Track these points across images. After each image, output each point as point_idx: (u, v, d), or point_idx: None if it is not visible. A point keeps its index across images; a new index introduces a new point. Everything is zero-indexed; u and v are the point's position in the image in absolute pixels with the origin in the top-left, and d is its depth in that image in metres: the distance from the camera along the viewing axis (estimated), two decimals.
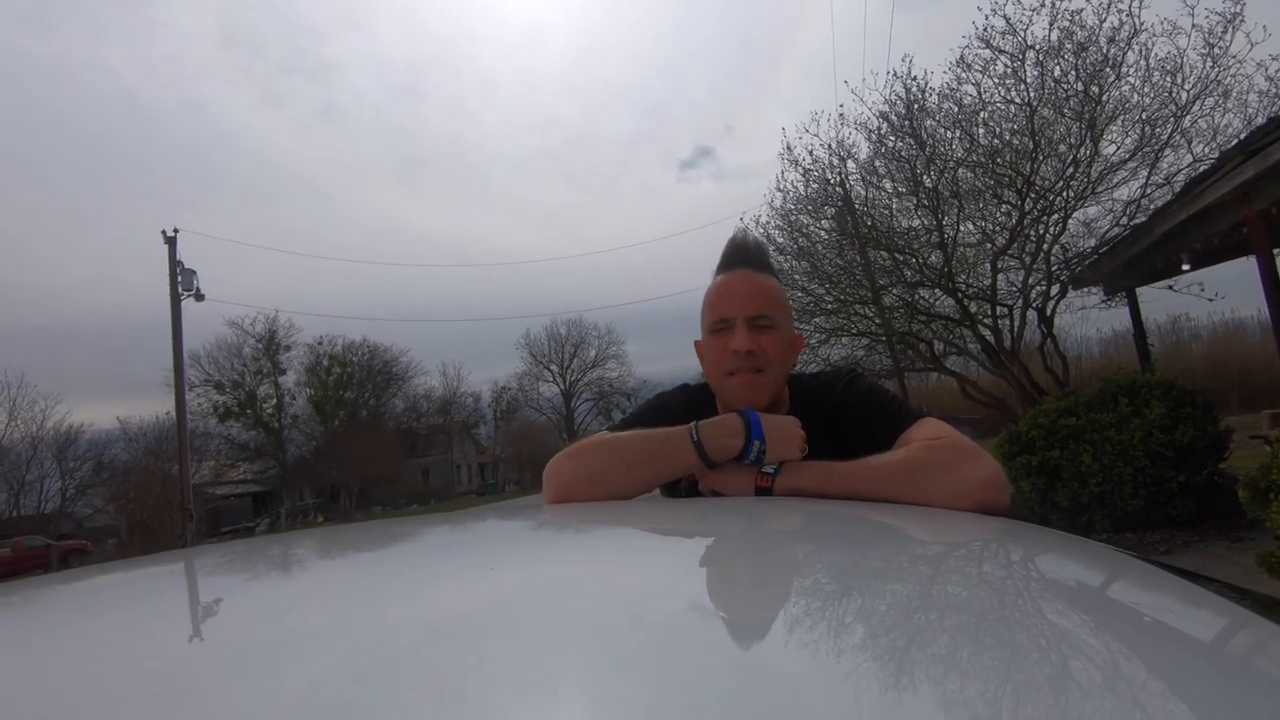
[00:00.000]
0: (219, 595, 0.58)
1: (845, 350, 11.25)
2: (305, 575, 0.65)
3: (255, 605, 0.52)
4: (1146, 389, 5.79)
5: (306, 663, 0.36)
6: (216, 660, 0.38)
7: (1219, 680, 0.32)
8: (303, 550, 0.77)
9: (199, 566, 0.71)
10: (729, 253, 1.08)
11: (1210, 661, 0.35)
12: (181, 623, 0.49)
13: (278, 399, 39.21)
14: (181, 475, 16.86)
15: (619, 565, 0.57)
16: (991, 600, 0.44)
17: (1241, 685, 0.32)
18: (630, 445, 0.95)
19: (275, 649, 0.38)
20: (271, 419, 38.87)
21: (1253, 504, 2.94)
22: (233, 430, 37.77)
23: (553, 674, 0.33)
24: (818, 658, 0.35)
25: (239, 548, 0.85)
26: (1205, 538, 5.31)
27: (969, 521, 0.72)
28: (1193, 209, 5.70)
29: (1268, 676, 0.35)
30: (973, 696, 0.30)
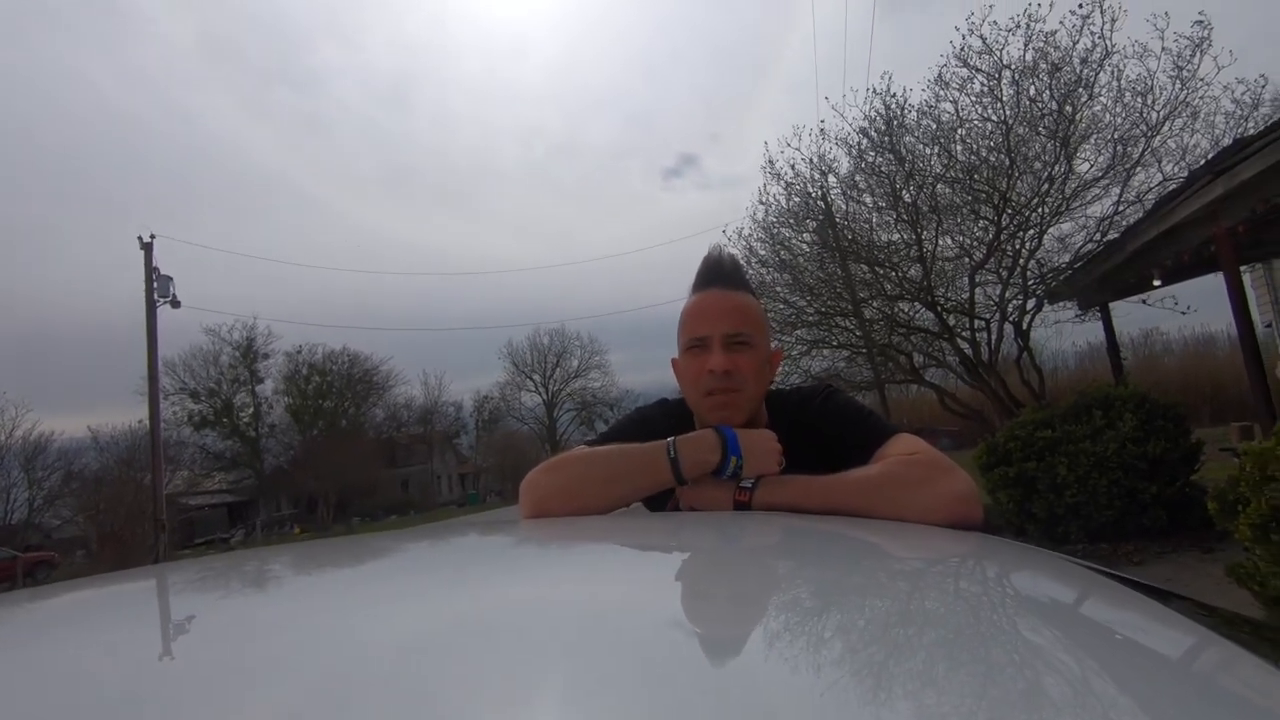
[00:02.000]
0: (191, 613, 0.57)
1: (826, 362, 11.33)
2: (281, 593, 0.64)
3: (228, 624, 0.51)
4: (1120, 402, 5.90)
5: (281, 684, 0.35)
6: (188, 683, 0.37)
7: (1179, 699, 0.33)
8: (278, 567, 0.76)
9: (171, 584, 0.69)
10: (704, 271, 1.09)
11: (1172, 680, 0.36)
12: (151, 643, 0.48)
13: (255, 408, 38.62)
14: (155, 485, 16.53)
15: (597, 581, 0.57)
16: (965, 616, 0.45)
17: (1201, 704, 0.33)
18: (607, 460, 0.95)
19: (248, 670, 0.38)
20: (248, 428, 38.26)
21: (1221, 516, 3.00)
22: (208, 439, 37.12)
23: (530, 692, 0.33)
24: (797, 673, 0.35)
25: (213, 564, 0.84)
26: (1177, 548, 5.41)
27: (943, 536, 0.74)
28: (1163, 226, 5.85)
29: (1230, 694, 0.36)
30: (948, 711, 0.30)
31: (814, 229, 10.10)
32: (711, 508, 0.91)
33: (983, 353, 8.92)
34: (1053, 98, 7.94)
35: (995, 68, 8.07)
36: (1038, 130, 8.12)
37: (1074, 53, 7.83)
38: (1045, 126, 8.05)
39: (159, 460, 16.76)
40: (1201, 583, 4.40)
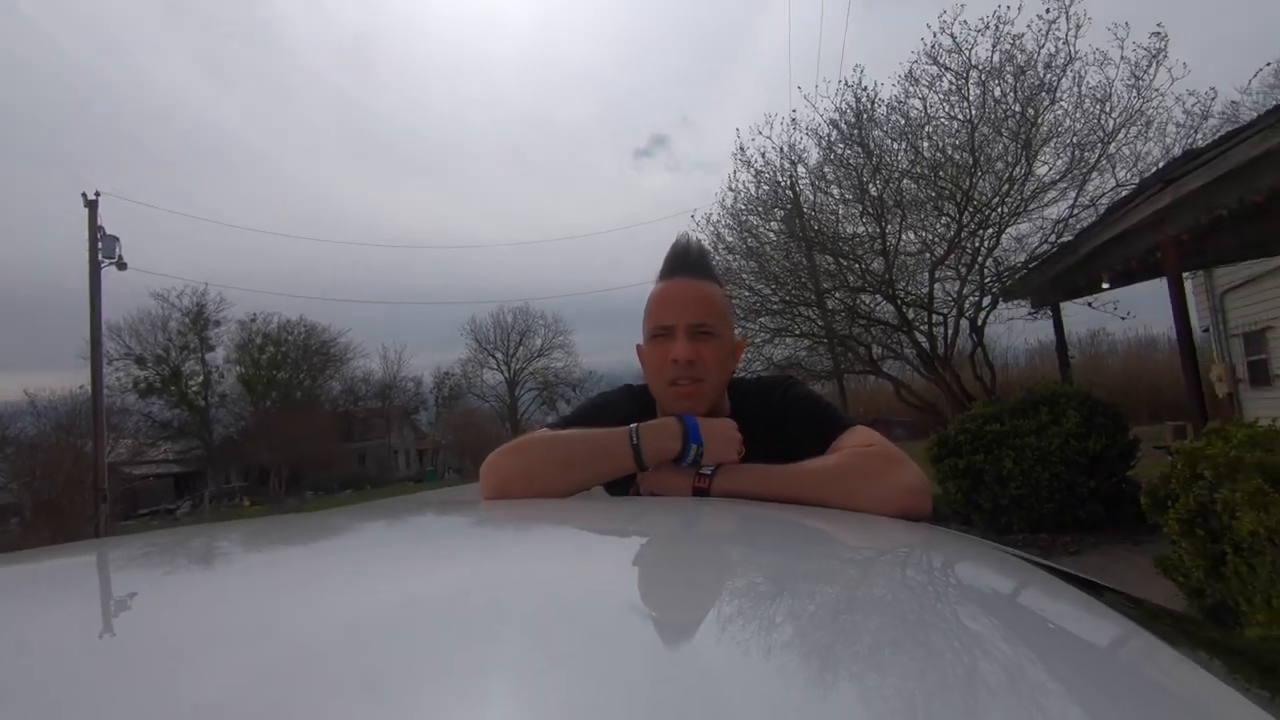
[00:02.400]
0: (133, 590, 0.55)
1: (788, 350, 11.49)
2: (230, 570, 0.63)
3: (173, 602, 0.50)
4: (1065, 399, 6.13)
5: (228, 664, 0.35)
6: (130, 663, 0.36)
7: (1103, 686, 0.35)
8: (227, 544, 0.75)
9: (113, 559, 0.67)
10: (671, 259, 1.10)
11: (1096, 668, 0.38)
12: (91, 622, 0.46)
13: (204, 376, 37.35)
14: (96, 453, 15.93)
15: (551, 562, 0.57)
16: (909, 603, 0.47)
17: (1121, 690, 0.35)
18: (569, 444, 0.96)
19: (194, 650, 0.37)
20: (197, 397, 37.02)
21: (1153, 511, 3.15)
22: (154, 407, 35.79)
23: (482, 674, 0.33)
24: (748, 655, 0.36)
25: (158, 539, 0.81)
26: (1111, 540, 5.68)
27: (892, 527, 0.76)
28: (1114, 231, 6.06)
29: (1148, 682, 0.38)
30: (890, 693, 0.32)
31: (781, 218, 10.18)
32: (671, 493, 0.92)
33: (939, 347, 9.15)
34: (1017, 100, 8.12)
35: (964, 67, 8.21)
36: (1001, 131, 8.30)
37: (1039, 57, 8.02)
38: (1009, 128, 8.23)
39: (101, 427, 16.14)
40: (1131, 573, 4.63)
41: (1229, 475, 2.58)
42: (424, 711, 0.29)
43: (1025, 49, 8.04)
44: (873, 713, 0.30)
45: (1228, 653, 0.50)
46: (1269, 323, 9.73)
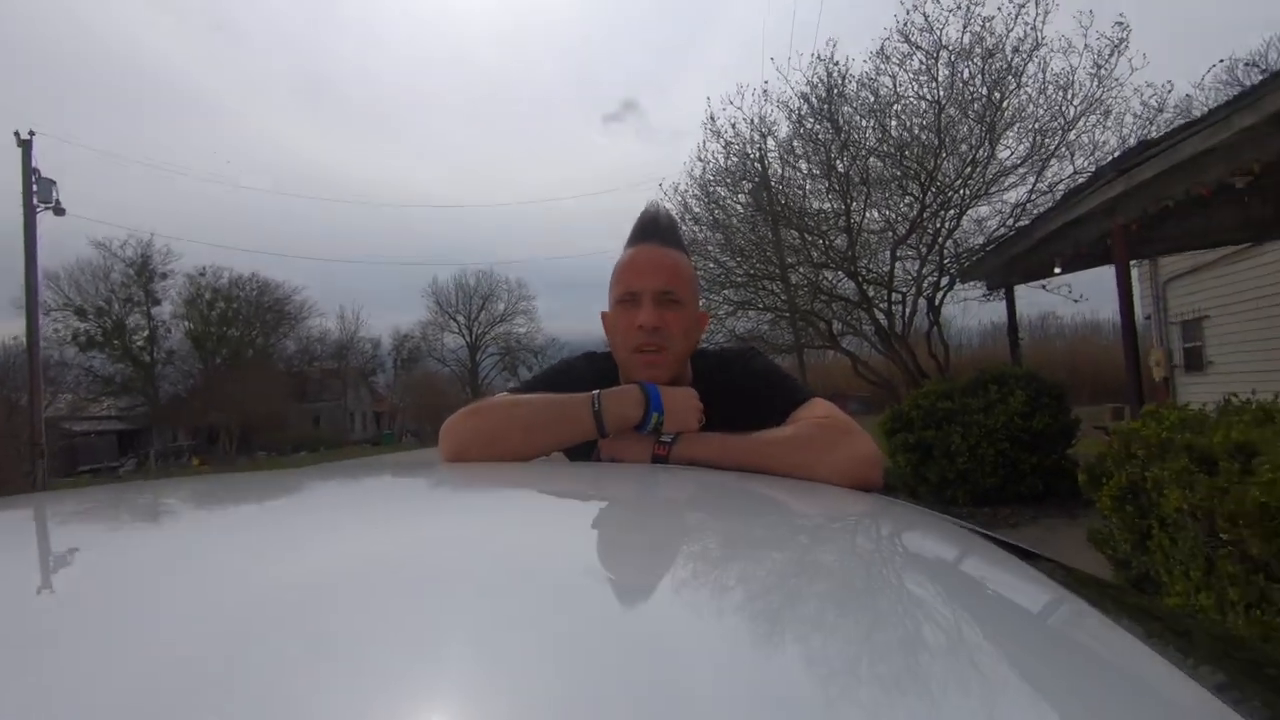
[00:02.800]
0: (74, 546, 0.53)
1: (751, 323, 11.60)
2: (177, 527, 0.61)
3: (116, 559, 0.48)
4: (1013, 379, 6.35)
5: (176, 621, 0.34)
6: (69, 622, 0.35)
7: (1034, 647, 0.37)
8: (175, 500, 0.72)
9: (52, 514, 0.65)
10: (640, 226, 1.09)
11: (1030, 631, 0.40)
12: (29, 578, 0.45)
13: (150, 331, 35.91)
14: (32, 406, 15.27)
15: (507, 526, 0.57)
16: (857, 569, 0.48)
17: (1052, 651, 0.37)
18: (530, 408, 0.96)
19: (138, 608, 0.36)
20: (142, 352, 35.61)
21: (1089, 487, 3.31)
22: (95, 362, 34.33)
23: (432, 634, 0.32)
24: (701, 618, 0.37)
25: (100, 494, 0.78)
26: (1048, 514, 5.95)
27: (844, 496, 0.79)
28: (1068, 217, 6.22)
29: (1076, 644, 0.41)
30: (833, 654, 0.33)
31: (749, 191, 10.18)
32: (631, 460, 0.93)
33: (897, 325, 9.35)
34: (984, 83, 8.22)
35: (934, 47, 8.26)
36: (967, 113, 8.41)
37: (1007, 40, 8.10)
38: (974, 111, 8.34)
39: (37, 380, 15.44)
40: (1066, 545, 4.87)
41: (1159, 455, 2.72)
42: (376, 671, 0.28)
43: (995, 31, 8.12)
44: (820, 673, 0.31)
45: (1149, 618, 0.53)
46: (1206, 312, 10.19)
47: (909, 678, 0.31)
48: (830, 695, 0.29)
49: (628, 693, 0.27)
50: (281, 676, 0.28)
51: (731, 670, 0.30)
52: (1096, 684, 0.34)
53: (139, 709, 0.26)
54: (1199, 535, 2.47)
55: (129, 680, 0.28)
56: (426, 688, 0.27)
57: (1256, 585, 2.24)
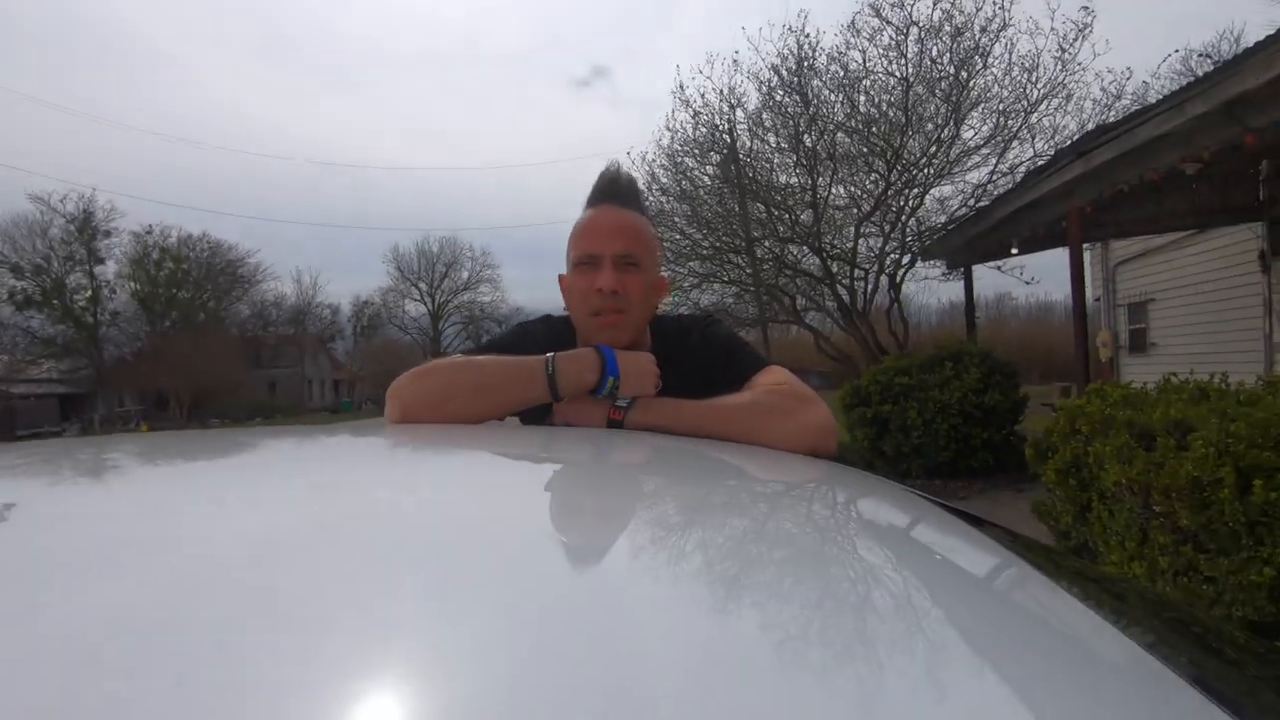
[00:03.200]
0: (10, 501, 0.51)
1: (716, 296, 11.63)
2: (120, 481, 0.59)
3: (56, 512, 0.47)
4: (968, 356, 6.52)
5: (117, 575, 0.33)
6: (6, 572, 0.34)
7: (980, 609, 0.38)
8: (119, 455, 0.70)
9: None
10: (600, 187, 1.07)
11: (977, 594, 0.41)
12: None
13: (93, 291, 34.29)
14: None
15: (462, 487, 0.56)
16: (811, 535, 0.49)
17: (996, 612, 0.38)
18: (481, 370, 0.94)
19: (79, 564, 0.35)
20: (85, 313, 34.07)
21: (1035, 461, 3.43)
22: (34, 322, 32.78)
23: (383, 593, 0.32)
24: (657, 582, 0.37)
25: (41, 449, 0.75)
26: (997, 487, 6.17)
27: (798, 463, 0.80)
28: (1026, 199, 6.35)
29: (1019, 606, 0.42)
30: (788, 619, 0.33)
31: (717, 163, 10.13)
32: (586, 424, 0.92)
33: (858, 301, 9.49)
34: (951, 61, 8.29)
35: (905, 22, 8.28)
36: (934, 92, 8.47)
37: (976, 19, 8.15)
38: (941, 89, 8.41)
39: None
40: (1011, 516, 5.06)
41: (1102, 431, 2.83)
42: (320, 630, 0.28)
43: (964, 10, 8.16)
44: (774, 638, 0.31)
45: (1087, 580, 0.55)
46: (1152, 295, 10.57)
47: (857, 640, 0.31)
48: (782, 657, 0.29)
49: (572, 652, 0.27)
50: (212, 633, 0.28)
51: (680, 634, 0.30)
52: (1036, 641, 0.35)
53: (68, 662, 0.25)
54: (1135, 508, 2.59)
55: (59, 635, 0.27)
56: (359, 650, 0.27)
57: (1185, 555, 2.36)
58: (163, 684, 0.24)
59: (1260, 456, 2.13)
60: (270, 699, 0.23)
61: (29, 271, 32.15)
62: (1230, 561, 2.19)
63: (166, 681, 0.24)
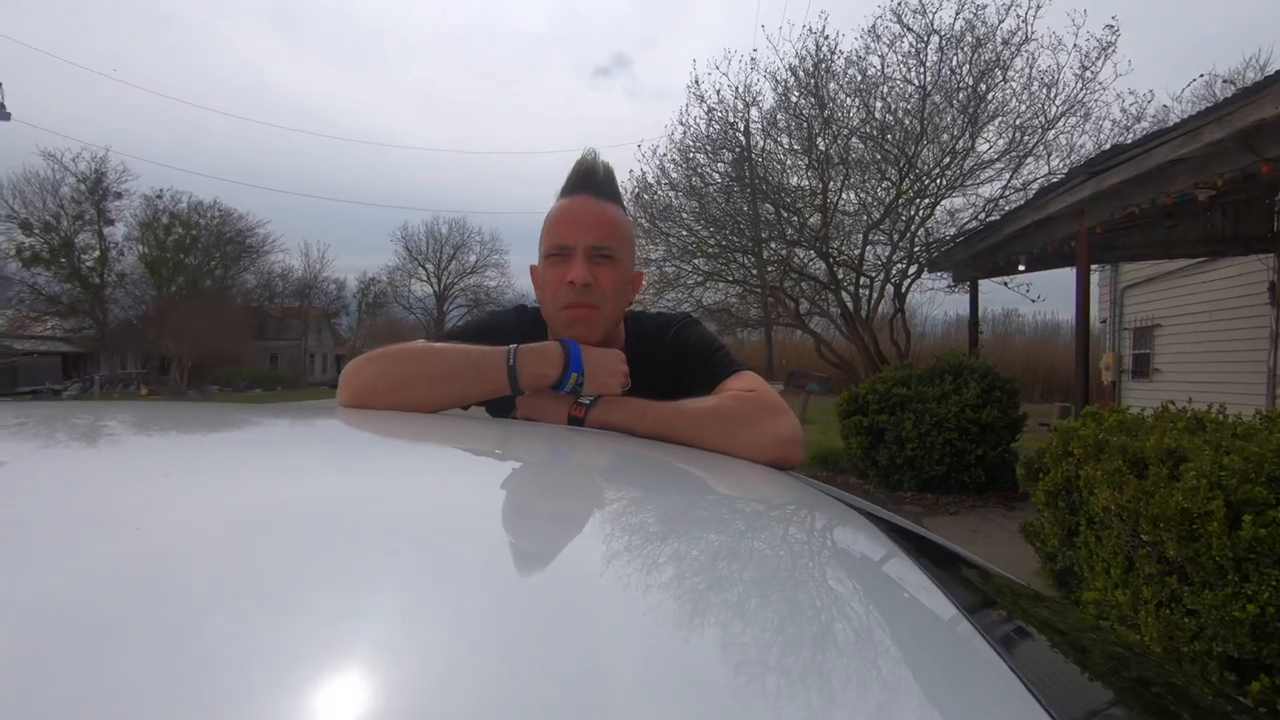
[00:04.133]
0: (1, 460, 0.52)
1: (720, 295, 11.58)
2: (112, 450, 0.59)
3: (44, 477, 0.48)
4: (969, 371, 6.47)
5: (97, 546, 0.34)
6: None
7: (943, 656, 0.35)
8: (115, 423, 0.70)
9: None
10: (575, 176, 1.03)
11: (941, 637, 0.38)
12: None
13: (101, 251, 34.28)
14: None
15: (424, 480, 0.56)
16: (736, 553, 0.46)
17: (951, 658, 0.35)
18: (440, 358, 0.91)
19: (64, 527, 0.36)
20: (91, 273, 34.10)
21: (1026, 481, 3.39)
22: (41, 279, 32.82)
23: (357, 578, 0.32)
24: (559, 583, 0.35)
25: (37, 410, 0.76)
26: (988, 504, 6.14)
27: (757, 474, 0.76)
28: (1037, 216, 6.29)
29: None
30: (711, 630, 0.31)
31: (729, 161, 10.07)
32: (546, 419, 0.89)
33: (862, 308, 9.43)
34: (970, 73, 8.20)
35: (926, 30, 8.19)
36: (952, 102, 8.39)
37: (998, 31, 8.07)
38: (959, 100, 8.33)
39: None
40: (1000, 536, 5.03)
41: (1095, 455, 2.79)
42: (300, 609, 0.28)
43: (987, 21, 8.07)
44: (699, 644, 0.30)
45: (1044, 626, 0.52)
46: (1158, 321, 10.50)
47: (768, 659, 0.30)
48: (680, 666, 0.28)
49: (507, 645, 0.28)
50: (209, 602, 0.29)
51: (614, 635, 0.30)
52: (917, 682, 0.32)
53: (48, 623, 0.26)
54: (1123, 535, 2.55)
55: (39, 596, 0.28)
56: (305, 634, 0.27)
57: (1169, 586, 2.32)
58: (128, 654, 0.24)
59: (1252, 491, 2.09)
60: (228, 669, 0.24)
61: (38, 228, 32.18)
62: (1214, 595, 2.15)
63: (131, 652, 0.25)
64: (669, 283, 10.48)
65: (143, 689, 0.22)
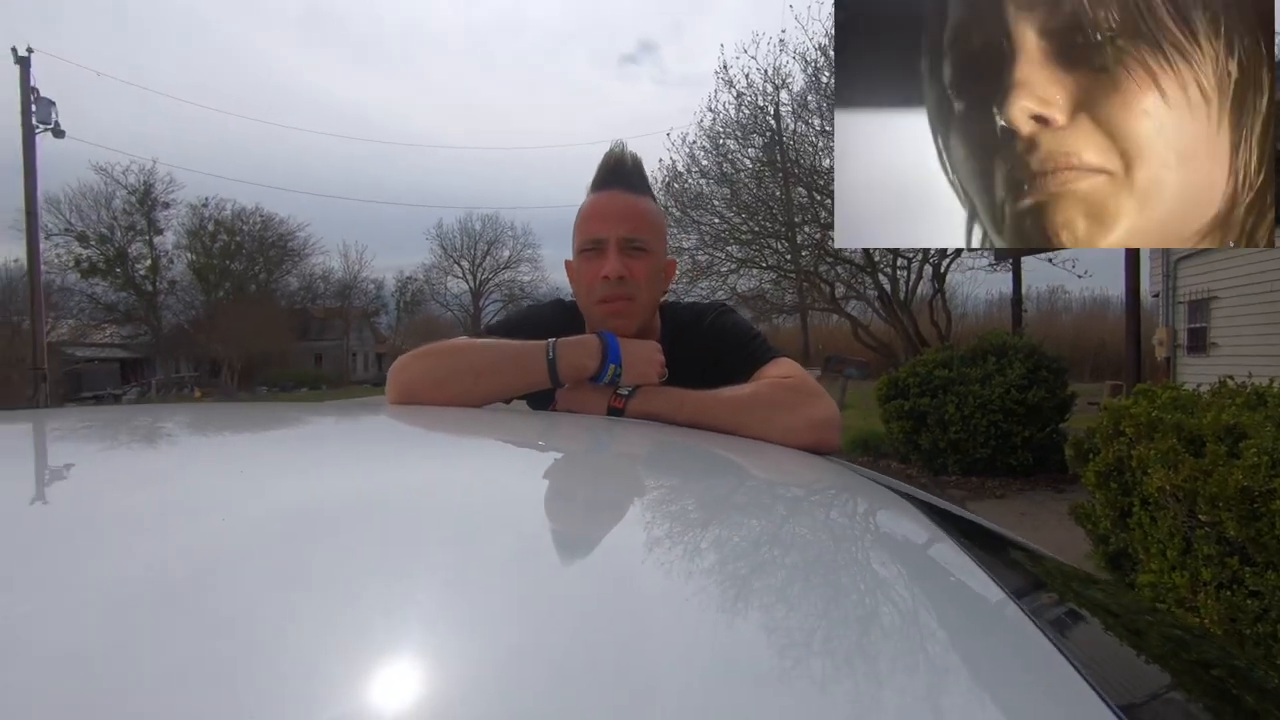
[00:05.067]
0: (69, 461, 0.56)
1: (754, 282, 11.50)
2: (168, 449, 0.63)
3: (106, 475, 0.50)
4: (1013, 350, 6.30)
5: (155, 539, 0.35)
6: (59, 531, 0.37)
7: (988, 648, 0.35)
8: (171, 424, 0.74)
9: (51, 429, 0.67)
10: (604, 170, 1.04)
11: (989, 624, 0.38)
12: (23, 486, 0.47)
13: (153, 260, 35.65)
14: (34, 329, 15.31)
15: (473, 472, 0.57)
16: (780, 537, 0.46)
17: (1000, 651, 0.34)
18: (482, 353, 0.93)
19: (126, 521, 0.38)
20: (145, 281, 35.49)
21: (1075, 462, 3.30)
22: (98, 289, 34.27)
23: (406, 572, 0.33)
24: (607, 571, 0.36)
25: (100, 414, 0.81)
26: (1036, 487, 5.99)
27: (796, 460, 0.76)
28: None
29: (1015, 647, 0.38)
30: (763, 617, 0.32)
31: (760, 145, 9.96)
32: (587, 411, 0.91)
33: (900, 291, 9.26)
34: None
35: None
36: None
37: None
38: None
39: (39, 303, 15.43)
40: (1049, 518, 4.91)
41: (1148, 433, 2.70)
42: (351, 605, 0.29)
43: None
44: (741, 636, 0.30)
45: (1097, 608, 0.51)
46: (1214, 293, 10.06)
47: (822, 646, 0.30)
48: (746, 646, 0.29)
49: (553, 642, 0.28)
50: (243, 595, 0.30)
51: (660, 620, 0.30)
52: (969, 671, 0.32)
53: (111, 615, 0.28)
54: (1179, 516, 2.47)
55: (102, 589, 0.30)
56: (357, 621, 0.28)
57: (1230, 567, 2.24)
58: (188, 637, 0.26)
59: None
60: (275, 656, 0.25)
61: (94, 240, 33.58)
62: (1278, 576, 2.07)
63: (191, 635, 0.26)
64: (702, 271, 10.44)
65: (233, 657, 0.25)
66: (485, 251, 48.59)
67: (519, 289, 48.22)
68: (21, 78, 15.23)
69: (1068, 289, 29.84)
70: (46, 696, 0.22)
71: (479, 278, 48.84)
